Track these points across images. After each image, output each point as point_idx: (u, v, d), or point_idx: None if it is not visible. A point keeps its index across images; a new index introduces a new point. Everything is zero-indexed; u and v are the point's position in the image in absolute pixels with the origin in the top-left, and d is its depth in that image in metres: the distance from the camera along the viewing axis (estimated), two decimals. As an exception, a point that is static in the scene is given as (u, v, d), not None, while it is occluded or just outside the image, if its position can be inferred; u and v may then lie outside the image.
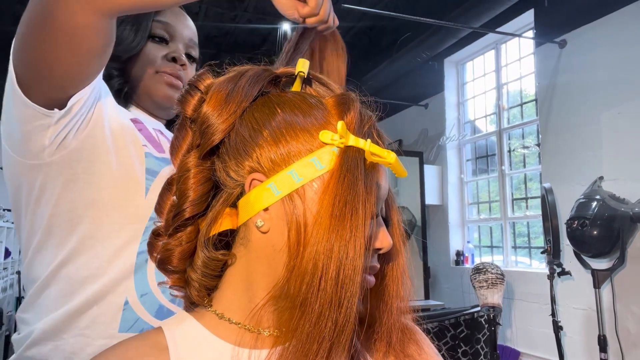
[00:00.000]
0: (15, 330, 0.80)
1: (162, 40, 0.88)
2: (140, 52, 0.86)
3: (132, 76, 0.87)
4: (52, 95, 0.67)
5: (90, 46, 0.65)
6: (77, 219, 0.73)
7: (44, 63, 0.64)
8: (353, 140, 0.48)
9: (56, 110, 0.68)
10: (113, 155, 0.75)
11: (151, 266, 0.74)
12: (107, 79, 0.84)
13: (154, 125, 0.88)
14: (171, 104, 0.90)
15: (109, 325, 0.71)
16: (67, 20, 0.61)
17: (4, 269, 4.52)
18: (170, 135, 0.88)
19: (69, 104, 0.69)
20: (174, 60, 0.88)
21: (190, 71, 0.93)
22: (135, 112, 0.89)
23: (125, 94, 0.87)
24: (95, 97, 0.74)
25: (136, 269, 0.73)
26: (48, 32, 0.62)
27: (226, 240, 0.52)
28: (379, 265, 0.52)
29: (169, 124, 0.96)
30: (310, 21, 0.70)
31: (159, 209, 0.54)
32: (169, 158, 0.79)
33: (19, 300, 4.61)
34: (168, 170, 0.78)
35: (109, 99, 0.79)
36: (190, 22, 0.94)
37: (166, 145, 0.83)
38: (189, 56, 0.92)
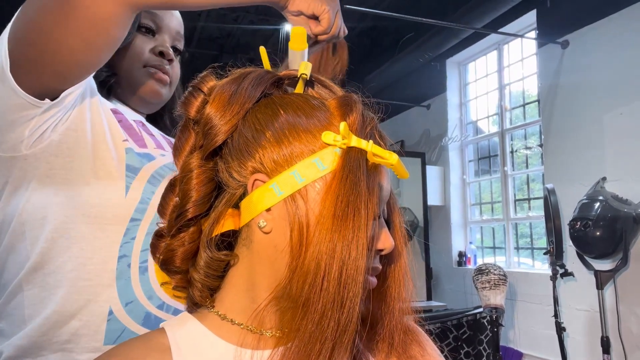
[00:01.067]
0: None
1: (149, 31, 0.85)
2: (128, 44, 0.82)
3: (117, 68, 0.83)
4: (50, 84, 0.64)
5: (108, 38, 0.63)
6: (51, 216, 0.68)
7: (52, 51, 0.62)
8: (355, 141, 0.48)
9: (47, 100, 0.64)
10: (92, 151, 0.71)
11: (135, 272, 0.70)
12: None
13: (135, 117, 0.84)
14: (156, 100, 0.88)
15: (92, 338, 0.67)
16: (89, 9, 0.59)
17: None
18: (152, 129, 0.85)
19: (63, 94, 0.66)
20: (162, 54, 0.86)
21: (176, 64, 0.91)
22: (116, 104, 0.85)
23: (109, 85, 0.84)
24: (84, 89, 0.71)
25: (118, 276, 0.69)
26: (64, 20, 0.59)
27: (229, 241, 0.53)
28: (380, 267, 0.52)
29: (148, 119, 0.93)
30: (322, 38, 0.73)
31: (161, 209, 0.54)
32: (151, 153, 0.78)
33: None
34: (149, 167, 0.76)
35: (94, 91, 0.76)
36: (177, 14, 0.91)
37: (148, 140, 0.80)
38: (174, 49, 0.90)
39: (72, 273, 0.68)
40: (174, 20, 0.89)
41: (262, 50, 0.61)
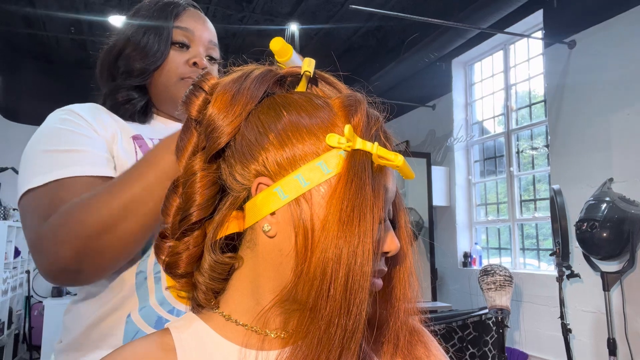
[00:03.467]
0: (23, 329, 0.86)
1: (183, 46, 0.90)
2: (164, 61, 0.88)
3: (156, 85, 0.89)
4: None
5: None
6: None
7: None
8: (360, 144, 0.47)
9: None
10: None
11: (151, 282, 0.76)
12: (127, 101, 0.87)
13: (163, 133, 0.88)
14: None
15: (114, 337, 0.75)
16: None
17: (14, 267, 4.53)
18: None
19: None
20: (195, 64, 0.90)
21: (213, 73, 0.94)
22: (155, 121, 0.92)
23: (145, 106, 0.90)
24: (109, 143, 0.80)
25: (137, 287, 0.77)
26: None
27: (233, 244, 0.52)
28: (386, 269, 0.52)
29: None
30: None
31: (164, 210, 0.53)
32: None
33: (28, 299, 4.64)
34: None
35: (115, 135, 0.82)
36: (209, 24, 0.96)
37: None
38: (210, 58, 0.94)
39: (103, 291, 0.78)
40: (206, 31, 0.94)
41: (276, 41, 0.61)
